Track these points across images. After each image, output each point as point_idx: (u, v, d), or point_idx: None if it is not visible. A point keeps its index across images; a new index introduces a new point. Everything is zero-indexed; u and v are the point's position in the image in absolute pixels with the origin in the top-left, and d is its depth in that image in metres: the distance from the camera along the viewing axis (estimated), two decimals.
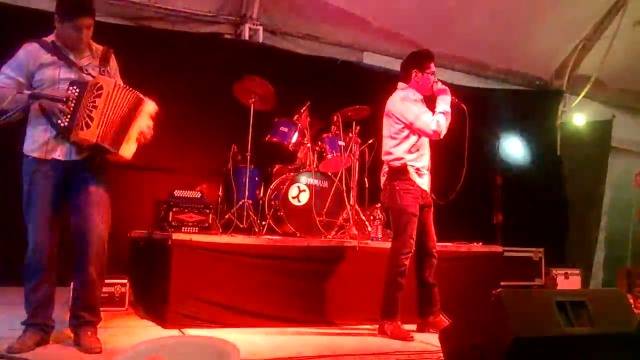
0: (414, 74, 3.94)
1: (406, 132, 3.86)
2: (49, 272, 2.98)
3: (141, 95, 3.03)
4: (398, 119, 3.87)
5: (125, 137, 2.90)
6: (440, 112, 3.81)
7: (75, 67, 2.95)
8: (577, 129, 7.92)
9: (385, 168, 3.96)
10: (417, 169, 3.87)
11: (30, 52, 2.92)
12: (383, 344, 3.55)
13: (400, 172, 3.84)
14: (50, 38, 2.97)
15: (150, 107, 3.02)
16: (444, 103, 3.85)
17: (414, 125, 3.82)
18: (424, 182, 3.92)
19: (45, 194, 2.91)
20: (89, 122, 2.80)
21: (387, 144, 3.96)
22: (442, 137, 3.83)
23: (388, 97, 4.08)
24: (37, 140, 2.93)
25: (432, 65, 3.97)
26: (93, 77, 2.95)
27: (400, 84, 4.02)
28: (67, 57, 2.95)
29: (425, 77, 3.93)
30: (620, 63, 7.38)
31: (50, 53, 2.92)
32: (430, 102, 3.98)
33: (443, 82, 4.03)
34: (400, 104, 3.88)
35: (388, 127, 3.95)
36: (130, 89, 3.00)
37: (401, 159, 3.85)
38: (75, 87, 2.85)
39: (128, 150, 2.93)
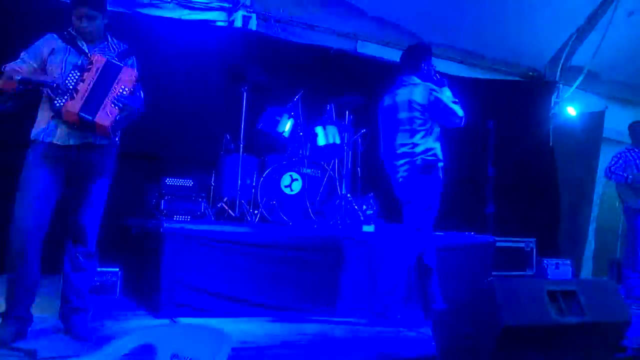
0: (423, 66, 4.00)
1: (430, 123, 3.89)
2: (32, 263, 2.88)
3: (120, 64, 3.02)
4: (426, 108, 3.87)
5: (102, 105, 2.87)
6: (453, 101, 3.93)
7: (83, 54, 2.98)
8: (569, 120, 7.94)
9: (418, 161, 3.86)
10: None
11: (46, 40, 3.01)
12: (376, 333, 3.57)
13: (433, 167, 3.87)
14: (70, 29, 3.05)
15: (126, 72, 2.98)
16: (450, 93, 3.96)
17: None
18: None
19: (40, 179, 2.88)
20: (74, 94, 2.83)
21: (413, 136, 3.89)
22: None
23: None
24: (40, 125, 2.95)
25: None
26: None
27: (414, 78, 4.01)
28: (77, 44, 3.00)
29: (429, 70, 4.02)
30: (613, 54, 7.38)
31: (64, 42, 2.99)
32: None
33: (439, 73, 4.08)
34: (428, 93, 3.89)
35: (413, 119, 3.92)
36: (118, 64, 3.00)
37: (433, 152, 3.87)
38: (77, 71, 2.89)
39: (105, 116, 2.86)
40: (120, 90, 2.92)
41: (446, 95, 3.94)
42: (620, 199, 6.03)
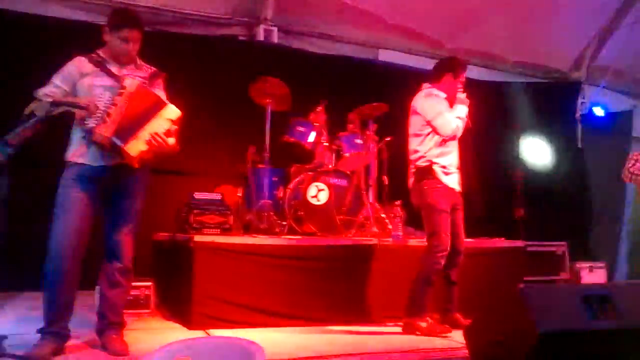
0: (445, 77, 3.96)
1: (429, 129, 3.86)
2: (71, 280, 2.94)
3: (164, 99, 3.05)
4: (420, 115, 3.88)
5: (136, 135, 2.89)
6: (458, 117, 3.86)
7: (113, 76, 3.01)
8: (597, 121, 7.81)
9: (412, 168, 3.94)
10: (444, 167, 3.86)
11: (75, 62, 3.04)
12: (407, 342, 3.54)
13: (427, 172, 3.84)
14: (99, 51, 3.09)
15: (170, 111, 3.01)
16: (462, 111, 3.90)
17: (433, 122, 3.83)
18: (452, 180, 3.90)
19: (75, 199, 2.94)
20: (106, 118, 2.85)
21: (412, 142, 3.96)
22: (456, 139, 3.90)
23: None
24: (73, 146, 3.02)
25: (464, 75, 4.03)
26: None
27: (426, 84, 4.02)
28: (106, 67, 3.03)
29: (454, 84, 3.97)
30: (638, 52, 7.26)
31: (93, 64, 3.02)
32: None
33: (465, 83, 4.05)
34: (424, 100, 3.91)
35: (412, 125, 3.97)
36: (155, 92, 3.04)
37: (426, 157, 3.85)
38: (108, 94, 2.92)
39: (134, 147, 2.88)
40: (158, 127, 2.93)
41: (457, 111, 3.88)
42: None
